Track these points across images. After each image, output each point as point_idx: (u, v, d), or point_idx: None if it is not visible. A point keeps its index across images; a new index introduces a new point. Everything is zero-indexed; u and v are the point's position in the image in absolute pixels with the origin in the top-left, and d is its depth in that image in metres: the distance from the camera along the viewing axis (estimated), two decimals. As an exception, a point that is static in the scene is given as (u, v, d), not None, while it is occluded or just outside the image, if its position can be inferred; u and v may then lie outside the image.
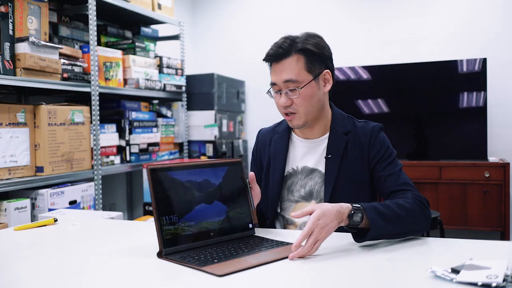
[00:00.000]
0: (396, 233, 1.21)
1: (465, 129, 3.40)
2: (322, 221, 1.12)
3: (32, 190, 2.32)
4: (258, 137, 1.64)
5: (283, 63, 1.40)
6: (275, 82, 1.41)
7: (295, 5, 4.13)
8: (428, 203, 1.32)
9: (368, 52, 3.86)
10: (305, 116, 1.41)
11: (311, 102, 1.41)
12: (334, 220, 1.14)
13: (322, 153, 1.47)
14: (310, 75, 1.40)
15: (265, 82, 4.58)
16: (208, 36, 4.48)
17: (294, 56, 1.39)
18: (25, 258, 1.16)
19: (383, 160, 1.42)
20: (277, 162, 1.51)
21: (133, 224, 1.71)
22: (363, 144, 1.44)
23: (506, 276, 0.85)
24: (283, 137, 1.54)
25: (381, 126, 1.48)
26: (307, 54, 1.39)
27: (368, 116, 3.54)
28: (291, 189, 1.49)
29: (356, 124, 1.49)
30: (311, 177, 1.47)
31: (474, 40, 3.56)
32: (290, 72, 1.38)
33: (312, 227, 1.11)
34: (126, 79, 3.03)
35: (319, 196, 1.45)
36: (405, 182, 1.38)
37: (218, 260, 1.05)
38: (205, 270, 0.99)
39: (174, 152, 3.53)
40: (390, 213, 1.20)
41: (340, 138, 1.45)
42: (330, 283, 0.96)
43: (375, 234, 1.17)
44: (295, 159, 1.51)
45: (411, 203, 1.27)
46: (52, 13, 2.64)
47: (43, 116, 2.34)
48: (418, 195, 1.32)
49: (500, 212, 3.08)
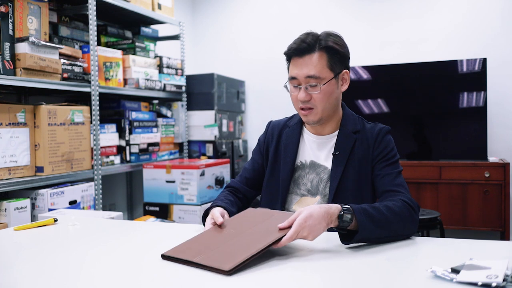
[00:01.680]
0: (383, 236, 1.21)
1: (465, 129, 3.40)
2: (309, 222, 1.12)
3: (32, 190, 2.32)
4: (268, 127, 1.65)
5: (306, 58, 1.40)
6: (296, 76, 1.41)
7: (295, 5, 4.13)
8: (418, 208, 1.33)
9: (368, 52, 3.86)
10: (321, 113, 1.43)
11: (329, 99, 1.42)
12: (322, 222, 1.13)
13: (330, 150, 1.49)
14: (332, 73, 1.42)
15: (265, 82, 4.55)
16: (208, 36, 4.47)
17: (317, 52, 1.40)
18: (25, 258, 1.16)
19: (384, 160, 1.44)
20: (288, 155, 1.52)
21: (133, 224, 1.71)
22: (369, 143, 1.46)
23: (506, 276, 0.85)
24: (294, 131, 1.55)
25: (389, 129, 1.50)
26: (330, 52, 1.41)
27: (368, 116, 3.54)
28: (297, 182, 1.50)
29: (366, 125, 1.51)
30: (318, 173, 1.48)
31: (474, 40, 3.56)
32: (313, 68, 1.39)
33: (298, 229, 1.11)
34: (126, 79, 3.03)
35: (324, 192, 1.46)
36: (399, 184, 1.39)
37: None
38: (210, 266, 1.00)
39: (174, 152, 3.53)
40: (379, 216, 1.20)
41: (349, 137, 1.47)
42: (330, 283, 0.96)
43: (363, 236, 1.16)
44: (305, 153, 1.52)
45: (400, 206, 1.27)
46: (52, 13, 2.64)
47: (43, 116, 2.34)
48: (409, 199, 1.32)
49: (500, 212, 3.08)
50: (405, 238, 1.25)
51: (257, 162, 1.60)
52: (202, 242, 1.15)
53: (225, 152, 3.67)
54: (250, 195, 1.58)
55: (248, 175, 1.60)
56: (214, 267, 0.99)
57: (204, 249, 1.09)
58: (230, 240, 1.13)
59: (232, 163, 3.71)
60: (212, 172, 3.07)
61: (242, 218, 1.29)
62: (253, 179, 1.60)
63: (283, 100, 3.74)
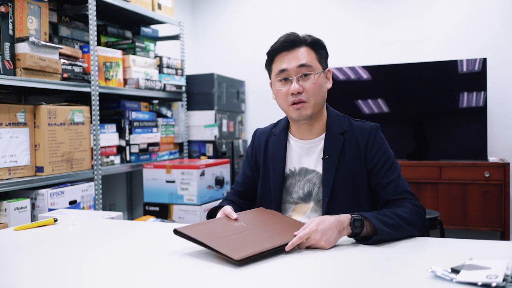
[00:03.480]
0: (395, 238, 1.23)
1: (465, 129, 3.40)
2: (321, 226, 1.14)
3: (32, 190, 2.32)
4: (254, 137, 1.63)
5: (296, 51, 1.41)
6: (286, 68, 1.41)
7: (295, 5, 4.13)
8: (425, 211, 1.35)
9: (368, 52, 3.86)
10: (313, 107, 1.41)
11: (320, 92, 1.42)
12: (334, 228, 1.16)
13: (319, 154, 1.46)
14: (320, 66, 1.43)
15: (265, 82, 4.58)
16: (208, 36, 4.47)
17: (305, 47, 1.42)
18: (25, 258, 1.16)
19: (381, 166, 1.41)
20: (277, 165, 1.50)
21: (133, 224, 1.71)
22: (360, 144, 1.43)
23: (506, 276, 0.85)
24: (280, 139, 1.53)
25: (378, 126, 1.48)
26: (316, 47, 1.43)
27: (368, 116, 3.55)
28: (289, 191, 1.48)
29: (353, 123, 1.48)
30: (309, 179, 1.46)
31: (474, 40, 3.56)
32: (304, 58, 1.40)
33: (309, 232, 1.14)
34: (126, 79, 3.03)
35: (317, 197, 1.44)
36: (404, 190, 1.38)
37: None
38: (220, 251, 1.02)
39: (174, 152, 3.53)
40: (390, 220, 1.23)
41: (337, 138, 1.44)
42: (330, 282, 0.96)
43: (380, 238, 1.18)
44: (293, 160, 1.50)
45: (409, 212, 1.29)
46: (52, 13, 2.64)
47: (43, 116, 2.34)
48: (415, 204, 1.34)
49: (500, 212, 3.08)
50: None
51: (247, 175, 1.60)
52: (214, 228, 1.18)
53: (225, 152, 3.67)
54: (245, 207, 1.57)
55: (239, 188, 1.62)
56: (224, 254, 1.01)
57: (216, 235, 1.12)
58: (241, 232, 1.16)
59: (232, 163, 3.71)
60: (212, 172, 3.07)
61: (254, 214, 1.33)
62: (246, 192, 1.61)
63: (283, 100, 3.73)
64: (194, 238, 1.09)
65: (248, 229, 1.19)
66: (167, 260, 1.11)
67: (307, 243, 1.14)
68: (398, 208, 1.31)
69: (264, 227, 1.22)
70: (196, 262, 1.07)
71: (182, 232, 1.12)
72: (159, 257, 1.13)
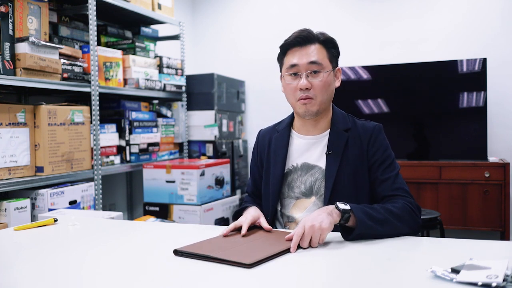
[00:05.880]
0: (381, 233, 1.24)
1: (465, 129, 3.40)
2: (310, 217, 1.19)
3: (32, 190, 2.32)
4: (258, 137, 1.66)
5: (308, 47, 1.43)
6: (297, 63, 1.43)
7: (295, 5, 4.13)
8: (419, 210, 1.35)
9: (368, 52, 3.86)
10: (319, 104, 1.44)
11: (328, 91, 1.44)
12: (321, 212, 1.20)
13: (322, 150, 1.48)
14: (330, 65, 1.45)
15: (265, 82, 4.54)
16: (208, 36, 4.47)
17: (317, 44, 1.44)
18: (25, 258, 1.16)
19: (380, 163, 1.43)
20: (278, 160, 1.52)
21: (133, 224, 1.71)
22: (362, 141, 1.45)
23: (506, 276, 0.85)
24: (283, 135, 1.55)
25: (381, 126, 1.50)
26: (328, 46, 1.46)
27: (368, 116, 3.54)
28: (291, 186, 1.50)
29: (357, 122, 1.51)
30: (312, 174, 1.47)
31: (474, 40, 3.56)
32: (315, 55, 1.42)
33: (302, 226, 1.17)
34: (126, 79, 3.03)
35: (319, 192, 1.45)
36: (399, 188, 1.39)
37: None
38: (230, 260, 1.03)
39: (174, 152, 3.53)
40: (376, 214, 1.24)
41: (341, 135, 1.46)
42: (330, 282, 0.96)
43: (361, 231, 1.20)
44: (295, 156, 1.52)
45: (400, 208, 1.30)
46: (52, 13, 2.64)
47: (43, 116, 2.34)
48: (409, 201, 1.34)
49: (500, 212, 3.08)
50: (405, 234, 1.27)
51: (255, 176, 1.64)
52: (213, 244, 1.19)
53: (225, 152, 3.67)
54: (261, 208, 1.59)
55: (250, 190, 1.65)
56: (235, 261, 1.02)
57: (218, 249, 1.13)
58: (242, 245, 1.18)
59: (232, 163, 3.71)
60: (212, 172, 3.07)
61: (250, 231, 1.35)
62: (258, 193, 1.63)
63: (283, 100, 3.74)
64: (199, 254, 1.09)
65: (246, 242, 1.21)
66: (167, 260, 1.10)
67: (307, 238, 1.16)
68: (389, 203, 1.32)
69: (261, 239, 1.25)
70: (196, 262, 1.07)
71: (184, 251, 1.12)
72: (159, 257, 1.13)
